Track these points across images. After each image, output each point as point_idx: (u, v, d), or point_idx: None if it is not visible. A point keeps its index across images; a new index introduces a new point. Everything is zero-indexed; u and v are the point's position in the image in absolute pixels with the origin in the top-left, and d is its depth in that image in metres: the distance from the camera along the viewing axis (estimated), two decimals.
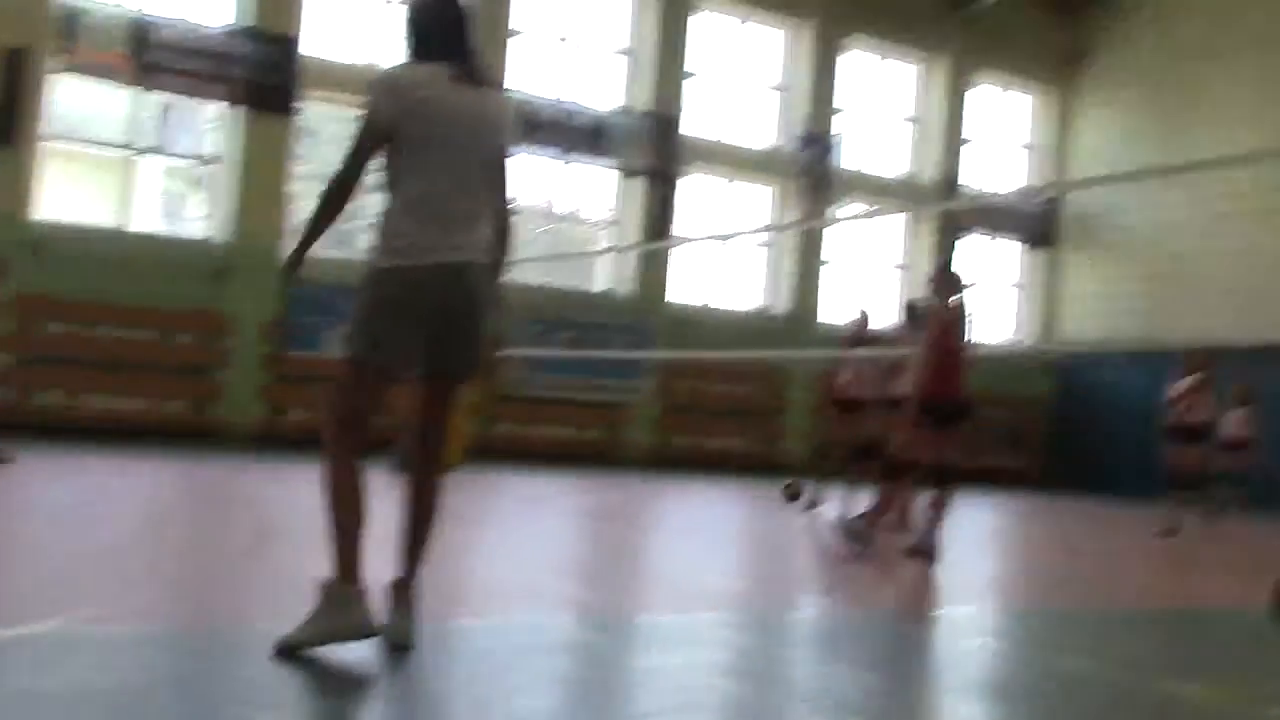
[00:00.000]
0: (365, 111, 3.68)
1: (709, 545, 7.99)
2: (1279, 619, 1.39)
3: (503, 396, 15.43)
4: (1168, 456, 11.47)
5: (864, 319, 10.60)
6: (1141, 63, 19.87)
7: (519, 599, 4.80)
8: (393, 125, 3.63)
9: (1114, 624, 5.73)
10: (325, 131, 19.53)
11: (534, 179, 17.03)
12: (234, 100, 14.30)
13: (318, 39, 15.06)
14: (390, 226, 3.66)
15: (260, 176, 14.43)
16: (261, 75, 14.33)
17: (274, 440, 13.72)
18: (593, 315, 16.48)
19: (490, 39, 16.06)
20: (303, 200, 16.10)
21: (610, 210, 17.45)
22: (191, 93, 14.40)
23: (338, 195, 3.67)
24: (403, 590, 3.78)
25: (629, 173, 17.04)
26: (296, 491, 9.26)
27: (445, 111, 3.67)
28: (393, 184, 3.68)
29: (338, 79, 15.21)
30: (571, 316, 16.30)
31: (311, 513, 3.92)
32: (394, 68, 3.81)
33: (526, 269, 15.67)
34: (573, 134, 16.51)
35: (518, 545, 7.04)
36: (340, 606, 3.52)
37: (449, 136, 3.67)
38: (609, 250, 17.28)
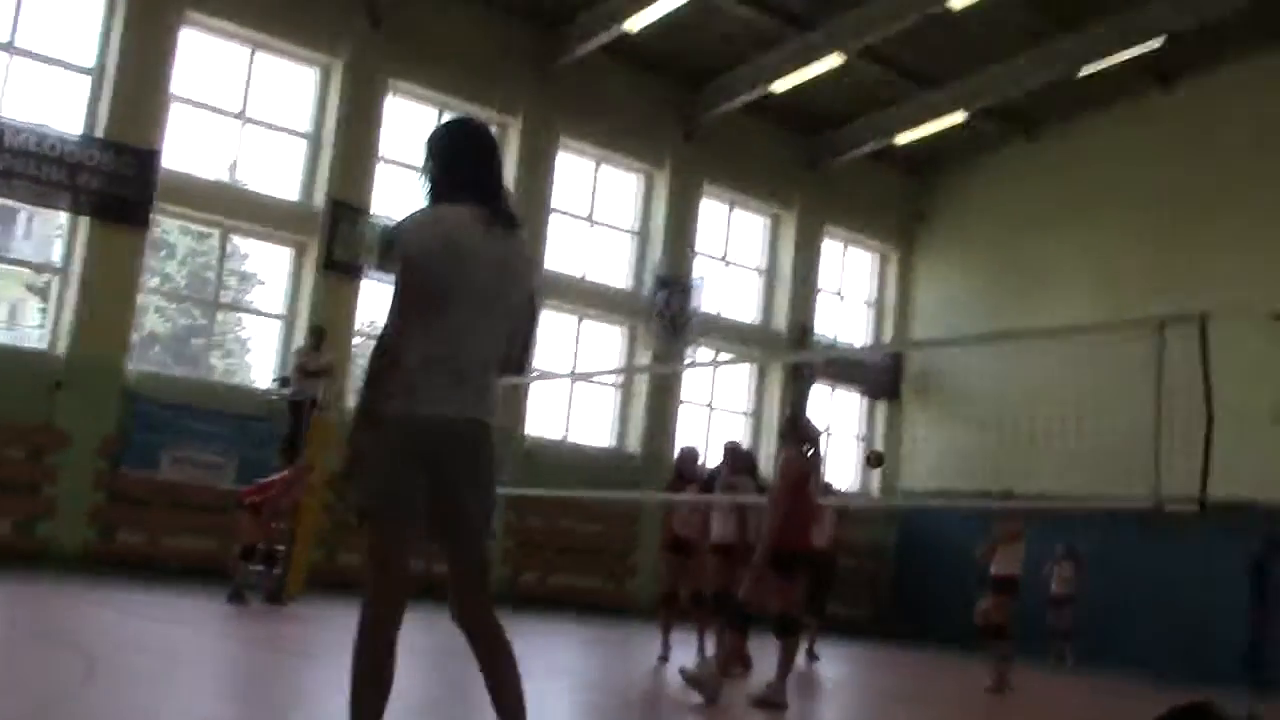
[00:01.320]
0: (401, 258, 3.46)
1: (562, 688, 7.84)
2: None
3: (350, 527, 15.05)
4: (977, 608, 11.57)
5: (688, 457, 10.79)
6: (979, 228, 21.03)
7: None
8: (426, 269, 3.40)
9: None
10: (180, 246, 19.19)
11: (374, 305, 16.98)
12: (84, 210, 13.96)
13: (177, 153, 14.89)
14: (408, 375, 3.38)
15: (107, 288, 14.02)
16: (115, 186, 14.04)
17: (103, 561, 13.11)
18: None
19: (360, 165, 16.13)
20: (149, 313, 15.69)
21: None
22: (39, 200, 14.03)
23: (388, 355, 3.40)
24: None
25: None
26: (127, 619, 8.83)
27: (478, 259, 3.44)
28: (412, 329, 3.41)
29: (196, 194, 15.03)
30: None
31: (141, 644, 3.73)
32: (423, 210, 3.54)
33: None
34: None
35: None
36: None
37: (480, 286, 3.44)
38: None
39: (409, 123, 16.96)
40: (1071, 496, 10.95)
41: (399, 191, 16.77)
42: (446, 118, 16.86)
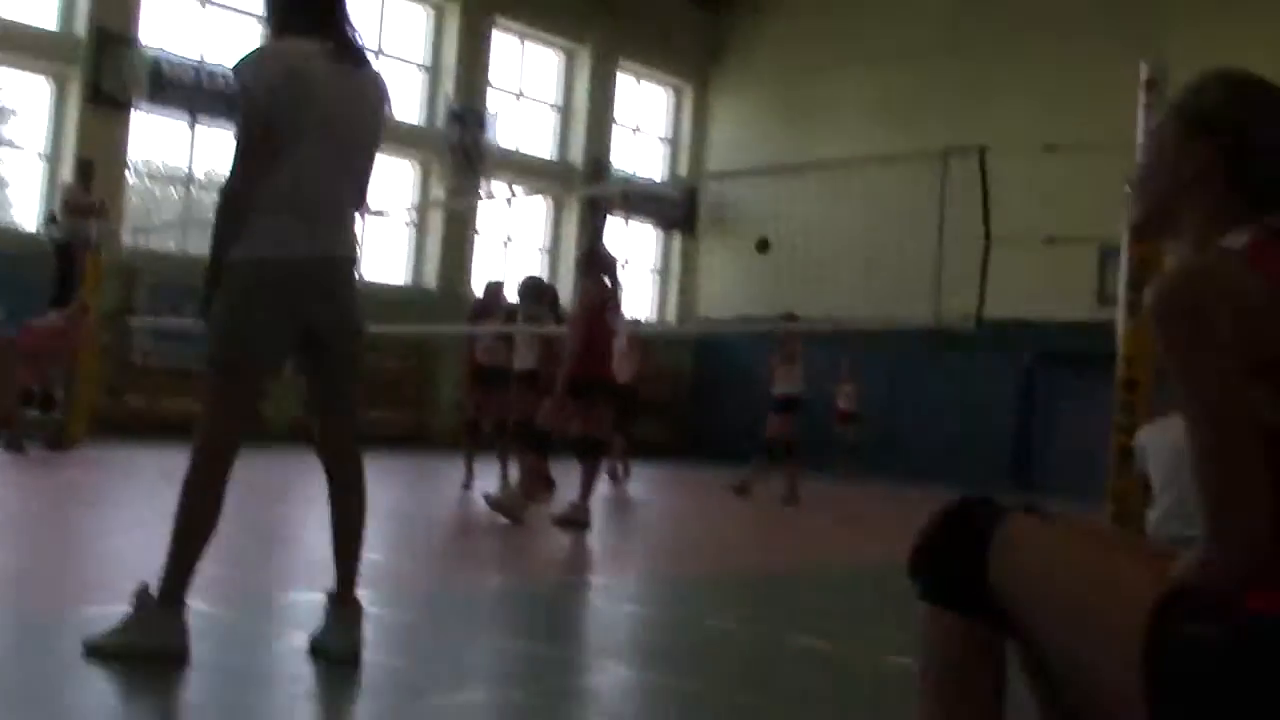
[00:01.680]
0: (243, 93, 3.26)
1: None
2: (915, 576, 1.56)
3: (131, 368, 14.49)
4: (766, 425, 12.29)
5: (495, 291, 10.84)
6: (772, 64, 21.17)
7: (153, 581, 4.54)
8: (270, 106, 3.24)
9: (750, 586, 6.11)
10: None
11: (166, 141, 16.07)
12: None
13: None
14: (260, 218, 3.24)
15: None
16: None
17: None
18: None
19: None
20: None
21: None
22: None
23: (241, 198, 3.25)
24: (345, 600, 3.44)
25: None
26: None
27: (326, 92, 3.30)
28: (259, 169, 3.27)
29: None
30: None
31: None
32: (266, 44, 3.37)
33: (159, 236, 14.79)
34: (210, 97, 15.65)
35: (153, 526, 6.64)
36: (159, 625, 3.19)
37: (329, 120, 3.31)
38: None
39: None
40: (859, 319, 11.44)
41: (170, 19, 15.71)
42: None
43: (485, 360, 10.42)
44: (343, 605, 3.46)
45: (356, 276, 3.56)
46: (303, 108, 3.27)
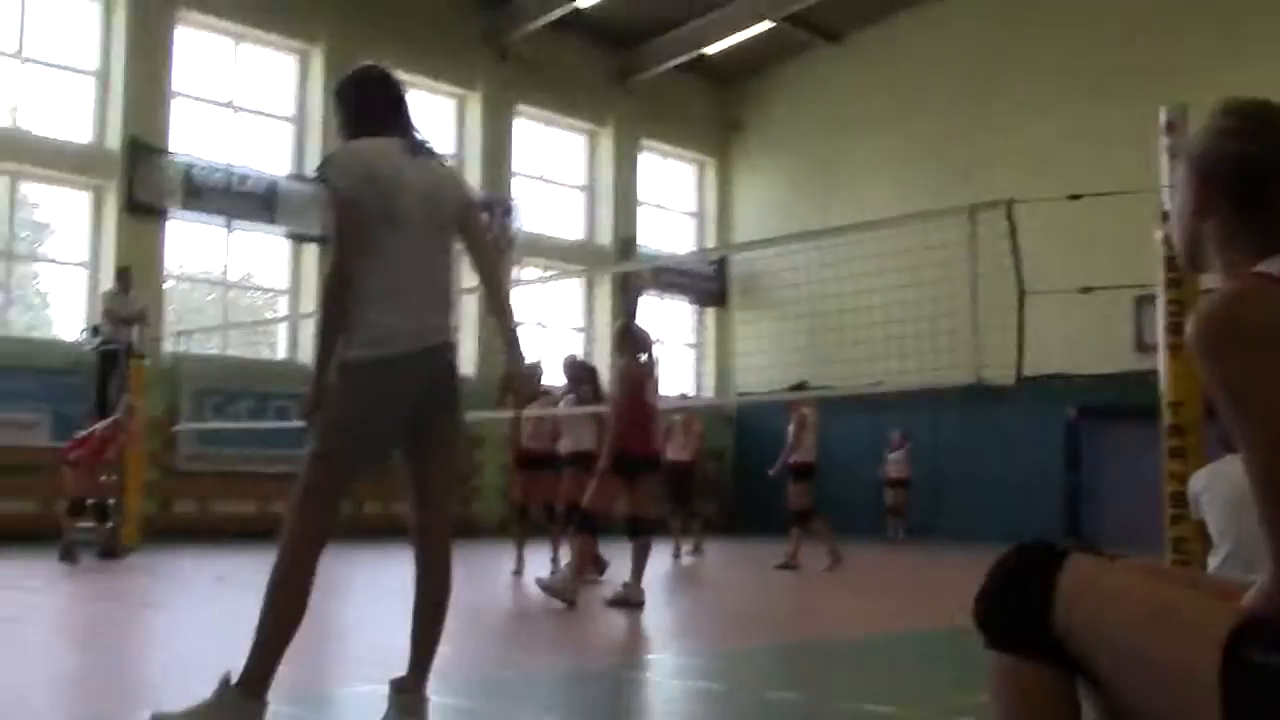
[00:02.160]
0: (333, 193, 3.40)
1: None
2: (981, 625, 1.58)
3: (178, 474, 14.65)
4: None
5: (533, 376, 10.83)
6: (791, 133, 21.41)
7: (210, 683, 4.56)
8: (358, 200, 3.39)
9: (810, 656, 6.05)
10: None
11: (202, 245, 16.38)
12: None
13: None
14: (364, 314, 3.37)
15: None
16: None
17: None
18: (273, 385, 15.93)
19: (154, 102, 15.41)
20: None
21: (284, 278, 17.03)
22: None
23: (339, 290, 3.37)
24: (414, 688, 3.50)
25: (300, 239, 16.66)
26: None
27: (409, 184, 3.45)
28: (357, 266, 3.40)
29: None
30: (251, 387, 15.70)
31: None
32: (347, 144, 3.53)
33: (198, 340, 15.02)
34: (242, 200, 15.99)
35: (207, 626, 6.68)
36: (238, 712, 3.23)
37: (416, 212, 3.45)
38: (284, 319, 16.81)
39: (202, 55, 16.25)
40: (897, 381, 11.44)
41: (200, 127, 16.11)
42: (244, 49, 16.37)
43: (531, 445, 10.43)
44: (409, 694, 3.48)
45: (457, 365, 3.66)
46: (389, 200, 3.41)
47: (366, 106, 3.61)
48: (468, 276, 17.85)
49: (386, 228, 3.40)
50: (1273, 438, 1.56)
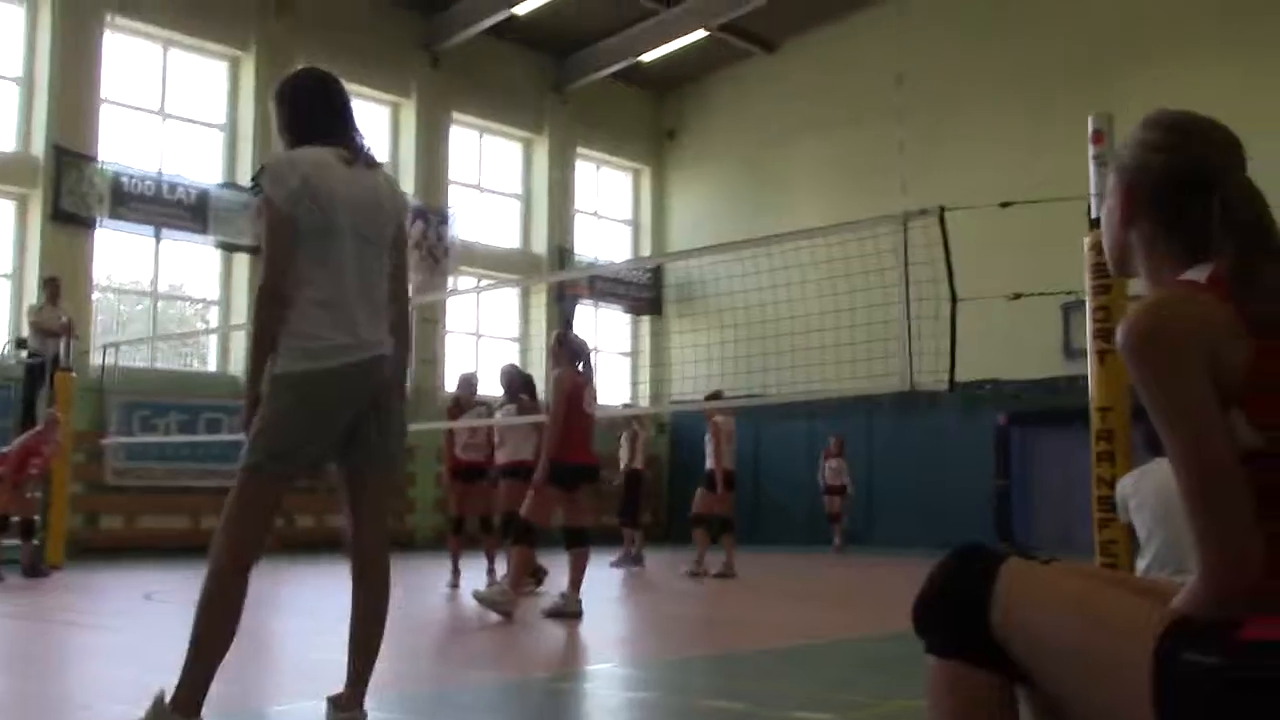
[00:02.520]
0: (265, 203, 3.34)
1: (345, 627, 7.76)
2: (920, 630, 1.60)
3: (107, 488, 14.38)
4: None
5: (469, 385, 10.81)
6: (727, 142, 21.53)
7: (142, 702, 4.47)
8: (293, 210, 3.33)
9: (748, 664, 6.07)
10: None
11: (130, 255, 16.10)
12: None
13: None
14: (299, 326, 3.33)
15: None
16: None
17: None
18: (203, 398, 15.68)
19: (81, 109, 15.14)
20: None
21: (215, 288, 16.80)
22: None
23: (275, 303, 3.32)
24: (353, 704, 3.46)
25: (232, 248, 16.44)
26: None
27: (345, 194, 3.42)
28: (291, 277, 3.36)
29: None
30: (181, 400, 15.45)
31: None
32: (285, 153, 3.47)
33: (126, 352, 14.76)
34: (172, 209, 15.75)
35: (137, 645, 6.55)
36: None
37: (352, 222, 3.42)
38: (215, 330, 16.58)
39: (131, 61, 16.00)
40: (830, 389, 11.53)
41: (128, 134, 15.84)
42: (172, 54, 16.15)
43: (465, 456, 10.38)
44: (347, 710, 3.44)
45: (402, 376, 3.65)
46: (324, 211, 3.38)
47: (305, 111, 3.57)
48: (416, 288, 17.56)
49: (322, 239, 3.38)
50: (1198, 443, 1.60)
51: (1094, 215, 5.70)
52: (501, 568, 9.52)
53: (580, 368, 8.14)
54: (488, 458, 10.17)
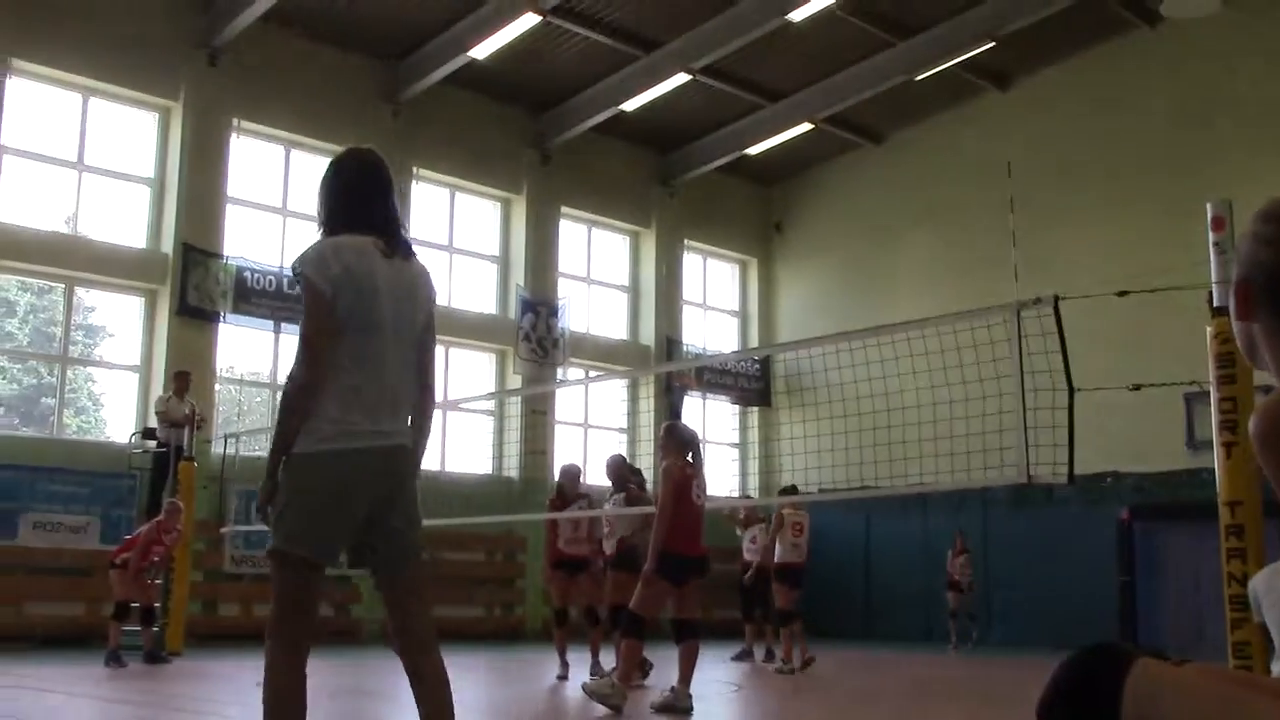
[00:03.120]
0: (308, 289, 3.34)
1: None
2: None
3: (224, 576, 14.67)
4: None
5: (572, 475, 10.76)
6: (833, 233, 21.54)
7: None
8: (334, 298, 3.33)
9: None
10: (21, 303, 18.48)
11: (251, 347, 16.60)
12: None
13: (12, 207, 14.36)
14: (326, 409, 3.31)
15: None
16: None
17: None
18: None
19: (208, 208, 15.77)
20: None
21: None
22: None
23: (306, 393, 3.31)
24: None
25: None
26: (3, 691, 8.42)
27: (381, 287, 3.39)
28: (323, 361, 3.34)
29: (34, 248, 14.58)
30: None
31: (23, 714, 3.55)
32: (325, 241, 3.47)
33: (245, 442, 15.14)
34: (291, 301, 16.24)
35: None
36: None
37: (385, 315, 3.40)
38: None
39: (256, 162, 16.65)
40: (945, 482, 11.32)
41: (250, 232, 16.45)
42: (296, 155, 16.79)
43: (568, 549, 10.35)
44: None
45: (418, 468, 3.58)
46: (361, 301, 3.37)
47: (345, 197, 3.53)
48: (513, 377, 17.72)
49: (362, 331, 3.37)
50: None
51: (1216, 304, 5.55)
52: (607, 660, 9.44)
53: (689, 458, 8.09)
54: (592, 550, 10.14)
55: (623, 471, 10.20)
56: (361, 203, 3.52)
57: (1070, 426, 7.08)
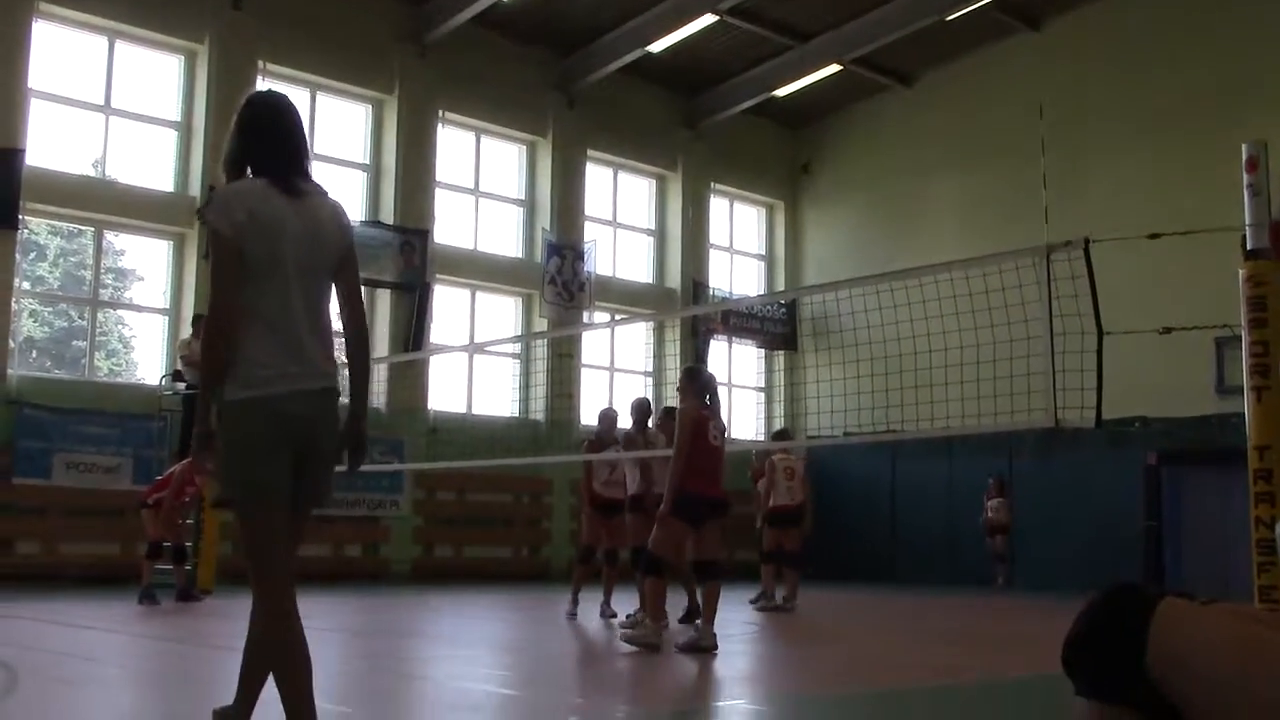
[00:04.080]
0: (214, 236, 3.39)
1: (484, 655, 7.85)
2: (1071, 671, 1.54)
3: None
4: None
5: (608, 420, 10.77)
6: (861, 175, 21.35)
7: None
8: (239, 244, 3.38)
9: (884, 704, 5.93)
10: (51, 246, 18.57)
11: None
12: None
13: (42, 151, 14.40)
14: (249, 352, 3.35)
15: None
16: None
17: (1, 575, 12.74)
18: None
19: None
20: (23, 317, 15.17)
21: None
22: None
23: (221, 332, 3.36)
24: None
25: (374, 284, 16.87)
26: (39, 627, 8.58)
27: (288, 230, 3.44)
28: (239, 307, 3.39)
29: (65, 192, 14.58)
30: None
31: (59, 649, 3.63)
32: (229, 186, 3.53)
33: None
34: None
35: None
36: None
37: (293, 255, 3.44)
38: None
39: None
40: (972, 426, 11.31)
41: None
42: (322, 98, 16.75)
43: (606, 494, 10.40)
44: None
45: (336, 407, 3.58)
46: (269, 243, 3.39)
47: (252, 140, 3.56)
48: (538, 321, 17.77)
49: (268, 268, 3.39)
50: None
51: (1249, 246, 5.49)
52: (624, 603, 9.54)
53: (707, 400, 8.10)
54: (624, 493, 10.19)
55: (645, 412, 10.22)
56: (268, 145, 3.54)
57: (1099, 370, 7.03)
